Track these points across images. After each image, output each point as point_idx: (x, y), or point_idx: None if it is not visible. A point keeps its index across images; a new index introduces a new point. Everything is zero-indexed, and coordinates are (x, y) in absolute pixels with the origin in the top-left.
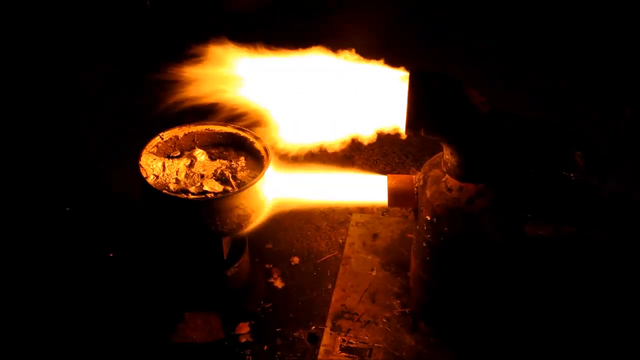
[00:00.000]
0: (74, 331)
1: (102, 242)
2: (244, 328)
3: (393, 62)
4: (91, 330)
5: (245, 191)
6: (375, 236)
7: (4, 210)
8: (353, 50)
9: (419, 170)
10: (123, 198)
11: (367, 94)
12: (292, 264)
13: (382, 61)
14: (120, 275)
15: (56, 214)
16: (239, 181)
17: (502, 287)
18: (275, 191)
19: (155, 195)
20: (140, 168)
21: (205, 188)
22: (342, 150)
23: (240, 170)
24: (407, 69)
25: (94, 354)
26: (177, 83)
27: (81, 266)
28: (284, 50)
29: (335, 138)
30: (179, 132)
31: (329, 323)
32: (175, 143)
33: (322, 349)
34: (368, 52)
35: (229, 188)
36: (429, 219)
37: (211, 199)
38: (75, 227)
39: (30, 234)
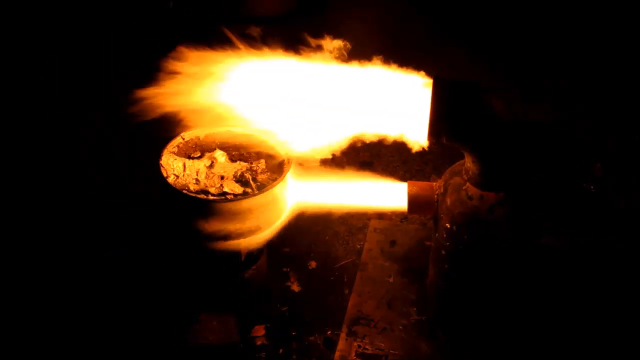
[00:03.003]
0: (86, 329)
1: (106, 241)
2: (259, 331)
3: (406, 63)
4: (103, 330)
5: (265, 194)
6: (393, 243)
7: (4, 210)
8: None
9: (439, 177)
10: (138, 197)
11: (388, 100)
12: (310, 268)
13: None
14: (137, 274)
15: (56, 214)
16: (259, 183)
17: (520, 296)
18: (294, 195)
19: (176, 195)
20: (161, 167)
21: (225, 189)
22: (362, 156)
23: (261, 172)
24: (428, 74)
25: (107, 354)
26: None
27: (88, 265)
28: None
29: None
30: (200, 132)
31: (344, 328)
32: (196, 144)
33: (337, 354)
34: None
35: (249, 190)
36: (448, 226)
37: (231, 200)
38: (75, 227)
39: (30, 234)
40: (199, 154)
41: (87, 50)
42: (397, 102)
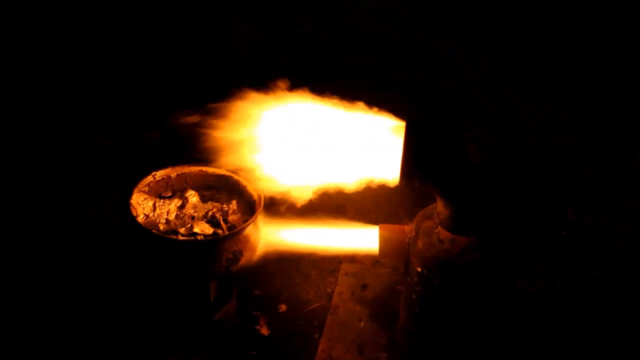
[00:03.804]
0: (85, 329)
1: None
2: None
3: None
4: (102, 330)
5: (235, 235)
6: (364, 287)
7: (4, 210)
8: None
9: (411, 221)
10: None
11: (359, 142)
12: (280, 311)
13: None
14: (136, 274)
15: (56, 214)
16: (229, 224)
17: (494, 340)
18: (265, 237)
19: (145, 235)
20: (131, 206)
21: (195, 230)
22: (334, 199)
23: (232, 213)
24: (401, 117)
25: (107, 354)
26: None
27: (88, 266)
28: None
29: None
30: (172, 172)
31: None
32: (167, 183)
33: None
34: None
35: (219, 231)
36: (419, 270)
37: (200, 241)
38: (75, 227)
39: (30, 234)
40: (170, 194)
41: (87, 50)
42: (370, 144)
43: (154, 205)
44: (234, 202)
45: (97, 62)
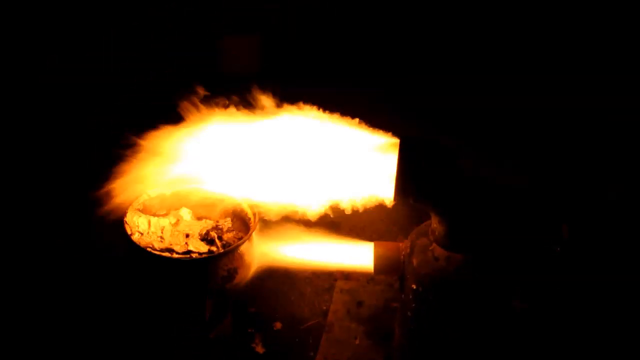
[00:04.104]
0: (85, 329)
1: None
2: None
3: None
4: (101, 330)
5: (230, 253)
6: (359, 304)
7: (4, 210)
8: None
9: (406, 238)
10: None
11: (354, 160)
12: (275, 329)
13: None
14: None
15: (56, 214)
16: (224, 242)
17: (489, 356)
18: (260, 254)
19: (139, 253)
20: (126, 225)
21: (190, 248)
22: (329, 216)
23: (227, 231)
24: (396, 134)
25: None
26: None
27: (88, 265)
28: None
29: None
30: (167, 190)
31: None
32: (162, 201)
33: None
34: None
35: (214, 249)
36: (414, 287)
37: (195, 259)
38: (75, 227)
39: (30, 234)
40: (164, 212)
41: (87, 50)
42: (365, 161)
43: (149, 223)
44: (229, 219)
45: (97, 62)
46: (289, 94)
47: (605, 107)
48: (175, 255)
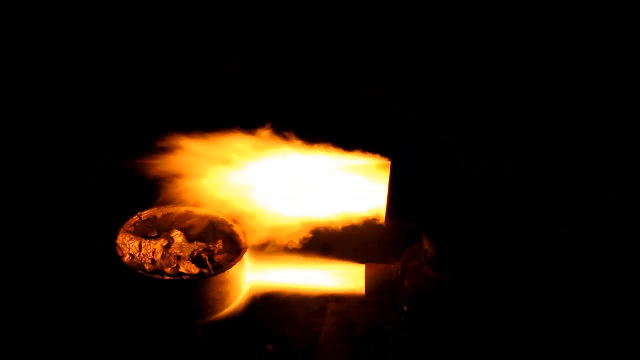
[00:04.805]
0: (84, 329)
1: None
2: None
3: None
4: (101, 330)
5: (222, 275)
6: (351, 326)
7: (4, 210)
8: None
9: (397, 260)
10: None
11: (345, 183)
12: (266, 351)
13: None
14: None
15: (56, 214)
16: (216, 264)
17: None
18: (252, 276)
19: (130, 275)
20: (117, 247)
21: (182, 270)
22: (321, 239)
23: (218, 253)
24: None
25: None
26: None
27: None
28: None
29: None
30: (158, 212)
31: None
32: (153, 223)
33: None
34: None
35: (206, 271)
36: (406, 309)
37: (186, 281)
38: (75, 227)
39: (30, 234)
40: (156, 234)
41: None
42: (357, 185)
43: (140, 245)
44: (220, 242)
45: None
46: (289, 98)
47: (605, 107)
48: (166, 278)
